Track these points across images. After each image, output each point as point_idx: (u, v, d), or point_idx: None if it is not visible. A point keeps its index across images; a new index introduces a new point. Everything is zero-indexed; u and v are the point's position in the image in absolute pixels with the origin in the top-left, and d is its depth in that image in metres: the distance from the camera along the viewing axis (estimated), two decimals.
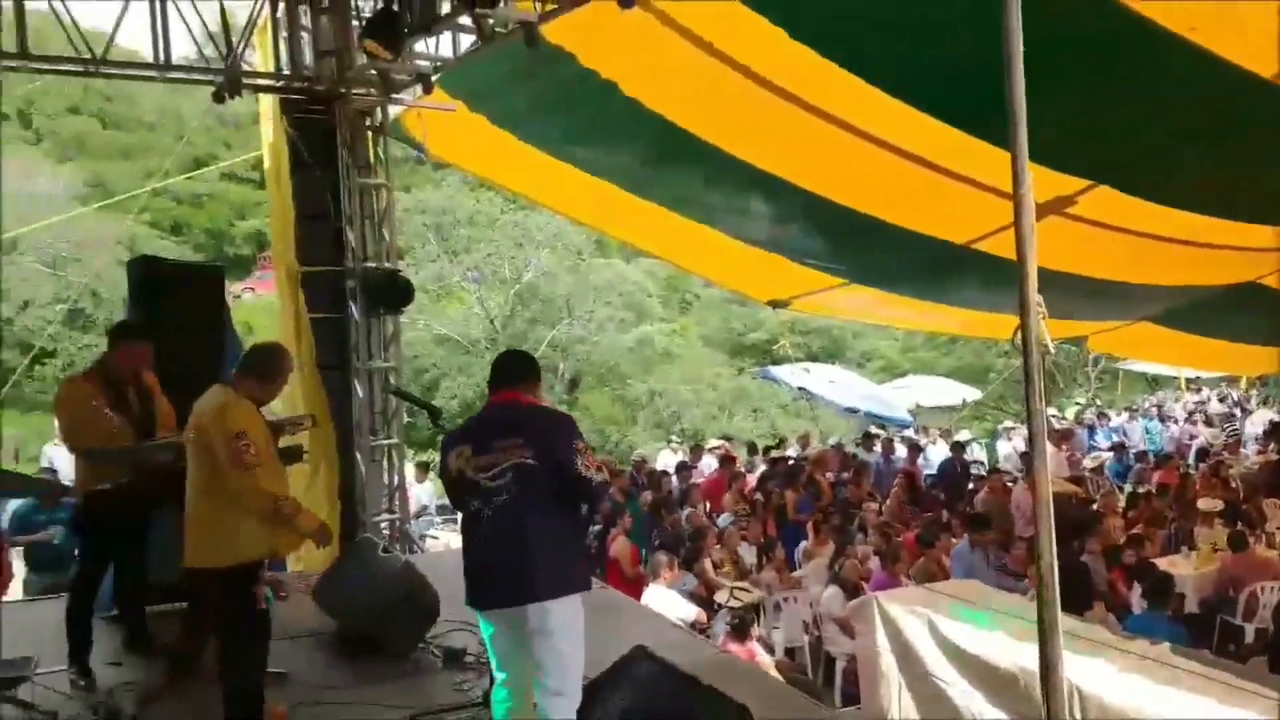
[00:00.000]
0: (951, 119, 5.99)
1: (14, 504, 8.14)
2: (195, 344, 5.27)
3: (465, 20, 5.72)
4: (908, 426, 15.72)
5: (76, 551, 5.24)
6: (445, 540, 9.30)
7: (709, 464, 12.64)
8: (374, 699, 4.32)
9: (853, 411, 15.95)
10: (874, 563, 7.69)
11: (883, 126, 6.33)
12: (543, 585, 3.31)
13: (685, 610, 6.72)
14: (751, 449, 14.84)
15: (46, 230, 15.25)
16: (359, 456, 7.29)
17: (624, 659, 3.92)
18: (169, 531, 4.76)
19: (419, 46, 6.75)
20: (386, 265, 7.37)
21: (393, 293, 7.17)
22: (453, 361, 24.66)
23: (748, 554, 8.44)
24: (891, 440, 13.71)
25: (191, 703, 4.29)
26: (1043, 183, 3.98)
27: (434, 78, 6.71)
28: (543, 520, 3.35)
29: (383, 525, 7.42)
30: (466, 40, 6.64)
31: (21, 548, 7.11)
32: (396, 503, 7.55)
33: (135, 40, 7.06)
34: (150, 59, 6.78)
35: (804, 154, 7.07)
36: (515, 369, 3.66)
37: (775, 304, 10.93)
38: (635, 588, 7.17)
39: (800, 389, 16.18)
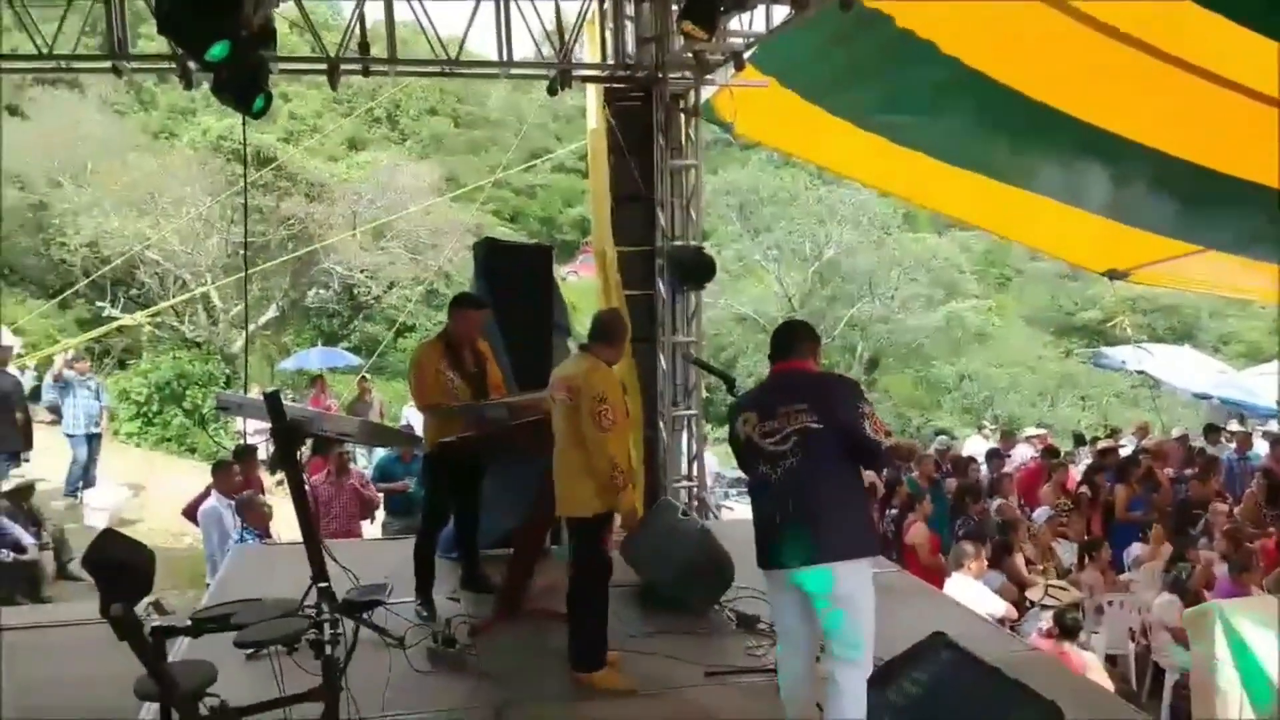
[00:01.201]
0: None
1: (379, 455, 9.52)
2: (526, 311, 5.85)
3: None
4: (1273, 417, 13.56)
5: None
6: (739, 511, 9.50)
7: (1023, 453, 11.76)
8: (671, 652, 4.53)
9: (1204, 398, 14.07)
10: (1220, 570, 6.77)
11: (1251, 71, 5.47)
12: (829, 548, 3.30)
13: (992, 604, 6.34)
14: (1078, 439, 13.60)
15: (408, 219, 17.50)
16: (661, 425, 7.63)
17: (922, 643, 3.81)
18: (499, 484, 5.37)
19: (733, 24, 6.89)
20: (693, 243, 7.61)
21: (698, 269, 7.40)
22: (750, 339, 24.92)
23: (1065, 552, 7.77)
24: (1249, 434, 11.91)
25: (515, 636, 4.77)
26: None
27: (746, 55, 6.81)
28: (828, 484, 3.35)
29: (681, 492, 7.72)
30: (779, 14, 6.65)
31: (383, 494, 8.30)
32: (695, 471, 7.81)
33: (483, 44, 7.81)
34: (496, 59, 7.44)
35: (1153, 107, 6.31)
36: (796, 337, 3.67)
37: (1113, 275, 9.99)
38: (932, 576, 6.87)
39: (1140, 373, 14.51)
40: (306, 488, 7.43)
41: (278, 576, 3.36)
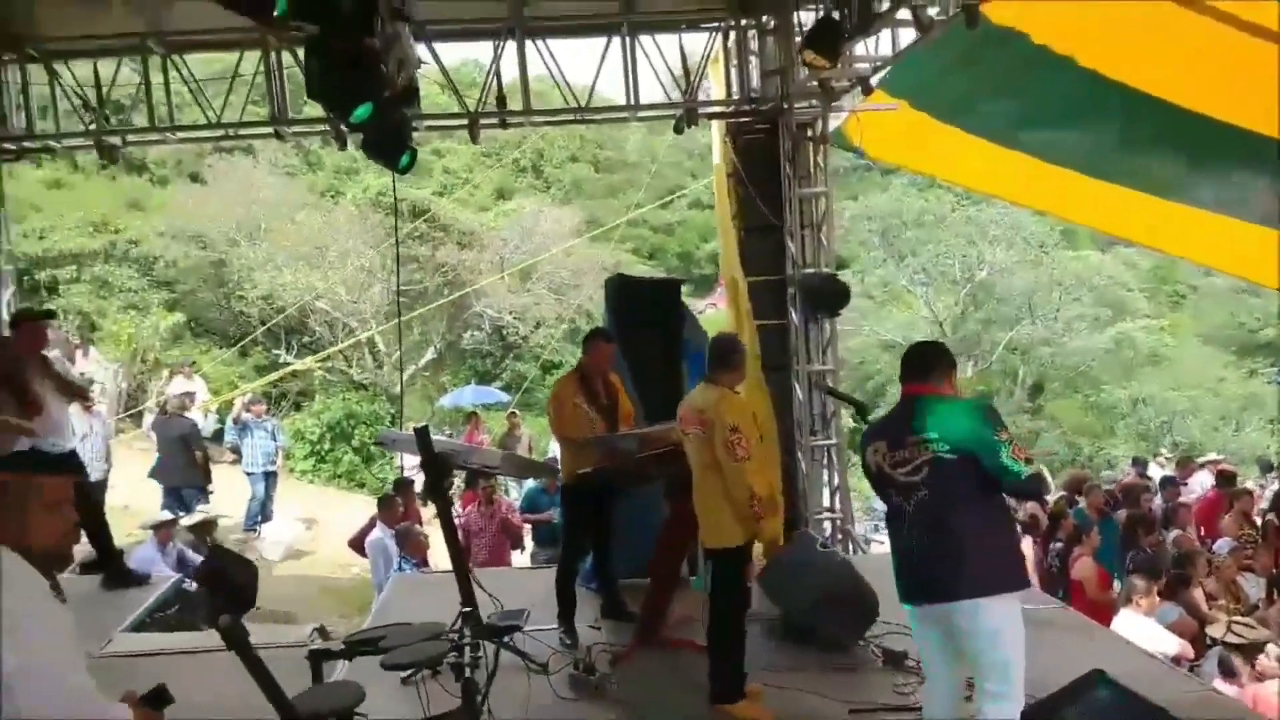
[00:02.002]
0: None
1: (528, 487, 9.83)
2: (656, 343, 5.95)
3: (904, 14, 5.68)
4: None
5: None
6: None
7: (1203, 481, 10.88)
8: (813, 687, 4.44)
9: None
10: None
11: None
12: (969, 582, 3.18)
13: (1165, 642, 5.90)
14: (1265, 466, 12.49)
15: (551, 261, 18.14)
16: (800, 456, 7.55)
17: (1078, 681, 3.62)
18: (632, 514, 5.45)
19: (858, 49, 6.88)
20: (825, 270, 7.55)
21: (830, 296, 7.34)
22: (898, 367, 24.14)
23: (1252, 586, 7.13)
24: None
25: (654, 665, 4.82)
26: None
27: (873, 80, 6.77)
28: (964, 516, 3.21)
29: (825, 524, 7.59)
30: (905, 37, 6.59)
31: (530, 524, 8.57)
32: (838, 502, 7.66)
33: (613, 88, 8.08)
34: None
35: None
36: (928, 360, 3.54)
37: None
38: (1100, 613, 6.45)
39: None
40: (458, 519, 7.80)
41: (432, 603, 3.55)
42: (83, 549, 6.83)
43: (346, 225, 17.72)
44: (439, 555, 7.73)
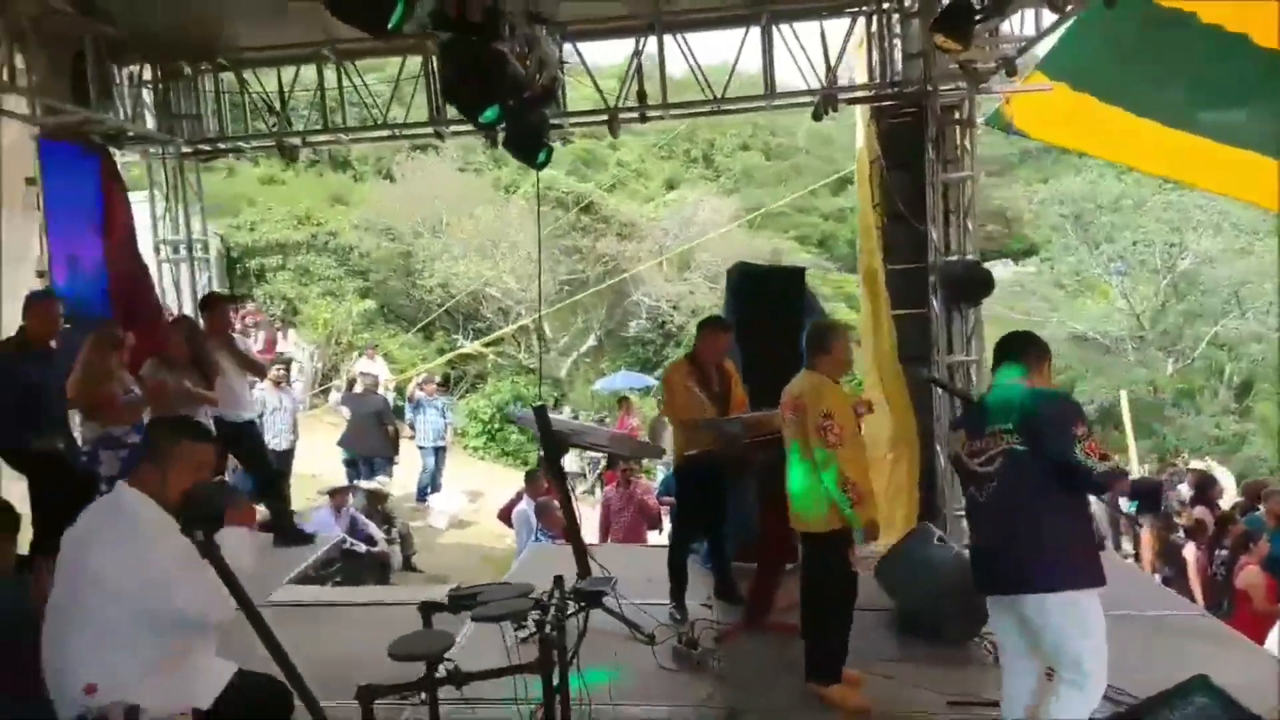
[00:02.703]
0: None
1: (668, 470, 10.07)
2: (777, 331, 5.97)
3: None
4: None
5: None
6: None
7: None
8: (917, 679, 4.43)
9: None
10: None
11: None
12: (1036, 576, 3.15)
13: None
14: None
15: (707, 249, 18.34)
16: (939, 449, 7.36)
17: (1179, 685, 3.44)
18: (741, 498, 5.55)
19: (1004, 30, 6.64)
20: (967, 258, 7.31)
21: (971, 285, 7.10)
22: (1091, 362, 22.67)
23: None
24: None
25: (758, 646, 4.92)
26: None
27: (1020, 61, 6.53)
28: (1035, 510, 3.17)
29: (962, 521, 7.35)
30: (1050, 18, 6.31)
31: (667, 506, 8.80)
32: None
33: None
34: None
35: None
36: (1014, 349, 3.48)
37: None
38: (1265, 625, 5.96)
39: None
40: (601, 494, 8.08)
41: (559, 570, 3.83)
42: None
43: (518, 218, 18.61)
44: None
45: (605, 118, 7.59)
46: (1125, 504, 8.77)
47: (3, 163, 6.04)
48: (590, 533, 9.50)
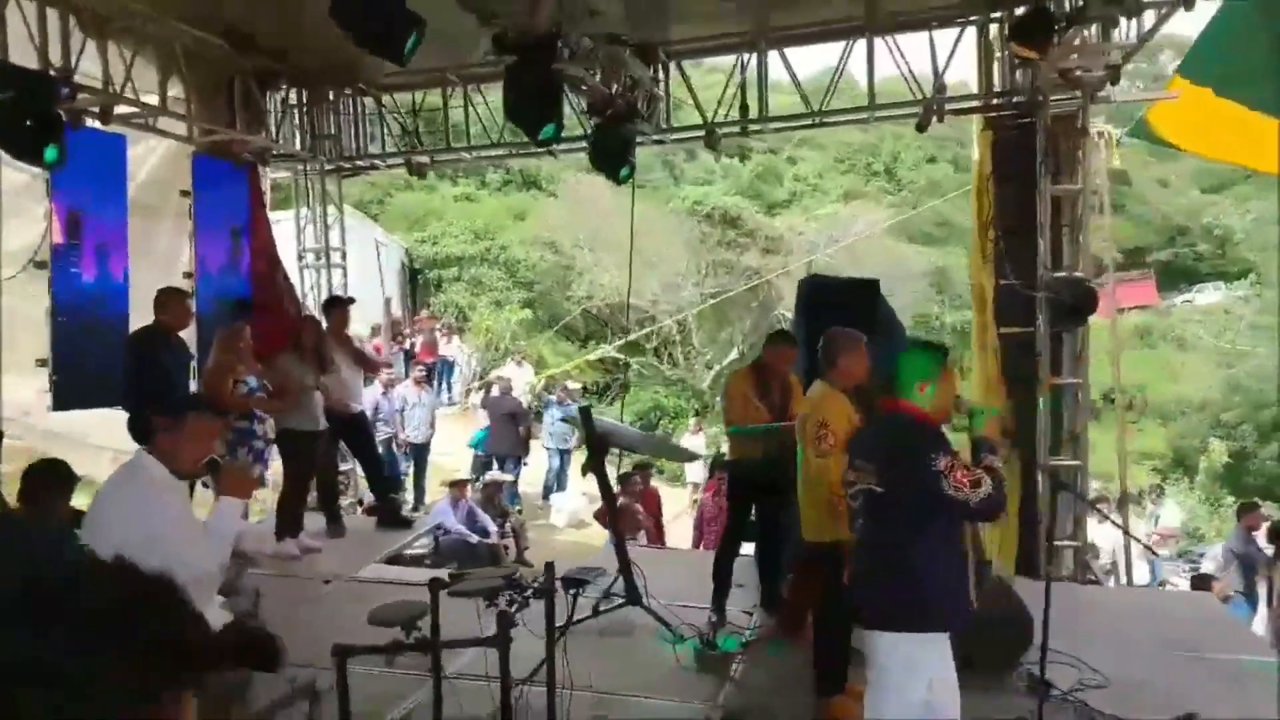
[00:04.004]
0: None
1: None
2: None
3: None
4: None
5: None
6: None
7: None
8: None
9: None
10: None
11: None
12: (880, 613, 3.12)
13: None
14: None
15: (856, 264, 17.88)
16: (1040, 476, 6.98)
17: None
18: (790, 510, 5.54)
19: (1116, 36, 6.27)
20: (1075, 274, 6.91)
21: (1076, 304, 6.69)
22: None
23: None
24: None
25: (785, 655, 4.91)
26: None
27: (1124, 66, 6.15)
28: (883, 549, 3.11)
29: (1065, 552, 6.96)
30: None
31: None
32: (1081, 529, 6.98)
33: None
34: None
35: None
36: (903, 370, 3.17)
37: None
38: None
39: None
40: (654, 495, 8.20)
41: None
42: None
43: (664, 232, 18.98)
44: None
45: (702, 133, 7.74)
46: (1265, 544, 7.96)
47: (160, 176, 6.98)
48: (684, 539, 9.68)
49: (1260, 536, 8.34)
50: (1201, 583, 8.39)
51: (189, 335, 6.92)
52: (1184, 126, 7.88)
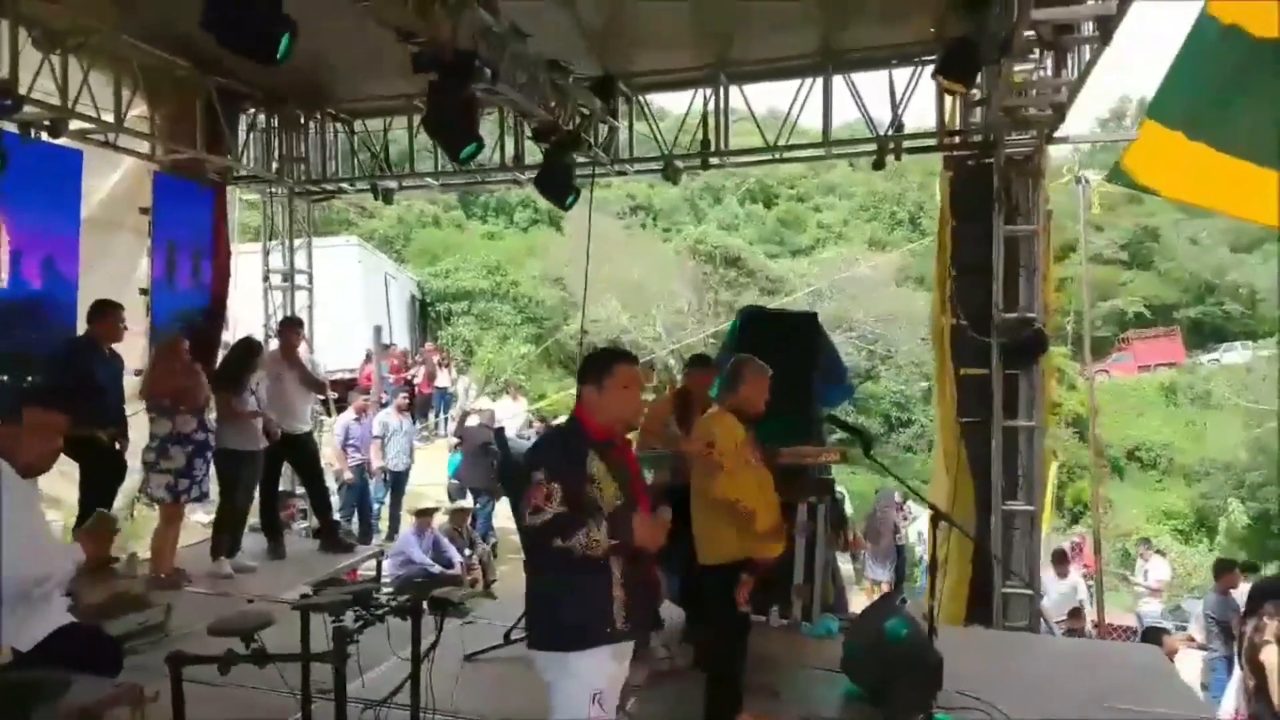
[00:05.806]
0: None
1: None
2: (786, 376, 5.81)
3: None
4: None
5: None
6: None
7: None
8: None
9: None
10: None
11: None
12: (535, 635, 3.07)
13: None
14: None
15: (860, 308, 17.83)
16: (993, 520, 6.79)
17: None
18: None
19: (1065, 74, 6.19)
20: (1026, 315, 6.78)
21: (1025, 346, 6.56)
22: None
23: None
24: None
25: (689, 690, 4.74)
26: None
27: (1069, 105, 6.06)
28: (533, 568, 3.09)
29: (1013, 600, 6.73)
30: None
31: None
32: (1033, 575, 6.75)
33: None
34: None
35: None
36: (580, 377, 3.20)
37: None
38: None
39: None
40: None
41: None
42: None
43: (664, 269, 19.03)
44: None
45: (661, 166, 7.75)
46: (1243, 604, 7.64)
47: (120, 193, 7.10)
48: None
49: (1237, 595, 8.02)
50: (1153, 635, 8.10)
51: (140, 349, 7.02)
52: (1161, 171, 7.71)
